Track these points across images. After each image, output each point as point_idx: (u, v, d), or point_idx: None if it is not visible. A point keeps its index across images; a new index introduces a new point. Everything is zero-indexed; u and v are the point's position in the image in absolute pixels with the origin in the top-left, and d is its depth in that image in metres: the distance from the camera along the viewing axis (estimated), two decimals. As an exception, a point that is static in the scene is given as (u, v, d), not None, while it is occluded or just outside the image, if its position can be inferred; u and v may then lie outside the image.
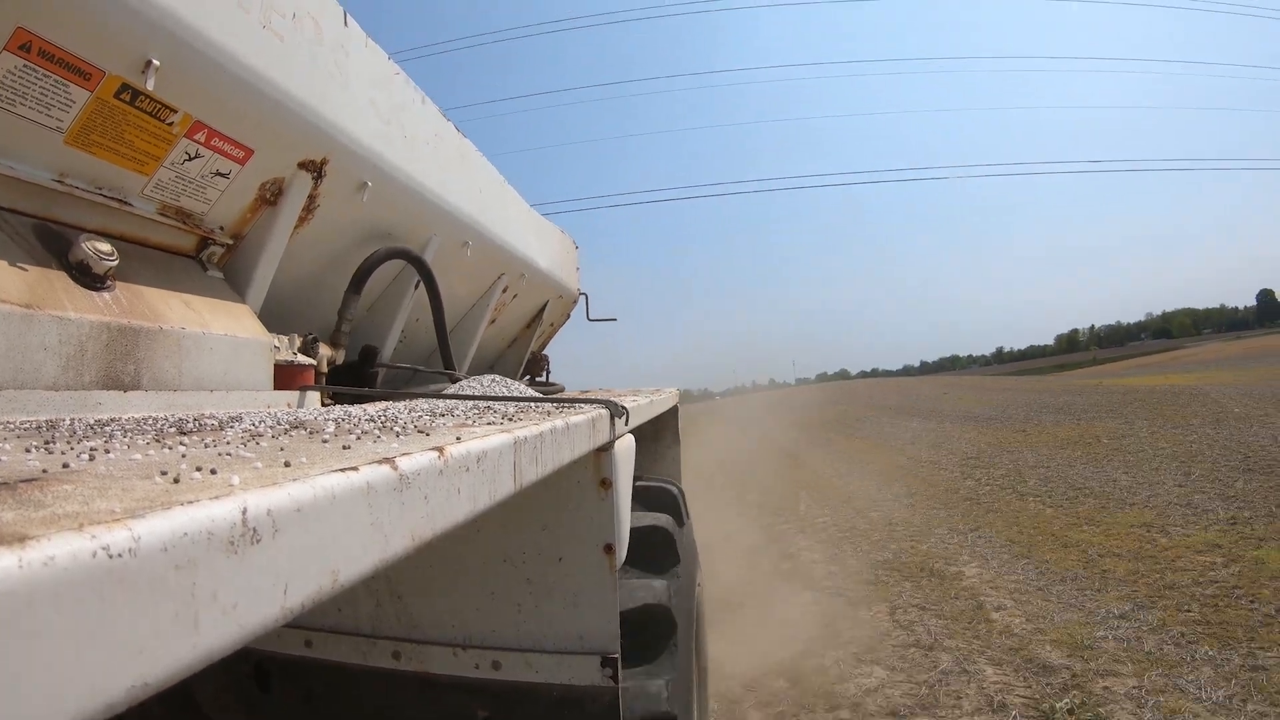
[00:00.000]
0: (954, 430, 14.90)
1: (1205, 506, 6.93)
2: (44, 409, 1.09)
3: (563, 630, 1.33)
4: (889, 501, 8.81)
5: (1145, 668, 3.75)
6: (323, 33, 1.74)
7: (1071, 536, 6.45)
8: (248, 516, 0.34)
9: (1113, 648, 4.04)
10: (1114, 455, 10.11)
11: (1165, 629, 4.22)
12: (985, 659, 4.07)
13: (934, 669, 4.00)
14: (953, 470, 10.51)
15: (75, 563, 0.26)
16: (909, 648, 4.33)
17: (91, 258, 1.27)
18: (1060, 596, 4.94)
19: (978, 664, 4.00)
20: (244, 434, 0.71)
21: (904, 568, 5.96)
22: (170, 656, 0.29)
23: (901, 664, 4.12)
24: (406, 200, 2.30)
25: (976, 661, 4.04)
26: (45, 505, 0.33)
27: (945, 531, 7.04)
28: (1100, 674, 3.75)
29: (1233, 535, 5.89)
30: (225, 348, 1.54)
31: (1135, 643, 4.07)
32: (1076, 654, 3.99)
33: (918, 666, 4.07)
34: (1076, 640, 4.15)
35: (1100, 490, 8.18)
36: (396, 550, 0.47)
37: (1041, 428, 13.55)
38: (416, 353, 3.17)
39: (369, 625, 1.43)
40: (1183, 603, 4.59)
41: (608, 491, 1.33)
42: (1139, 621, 4.37)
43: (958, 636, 4.41)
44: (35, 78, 1.17)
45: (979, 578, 5.50)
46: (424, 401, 1.44)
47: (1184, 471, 8.61)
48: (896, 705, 3.63)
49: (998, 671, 3.89)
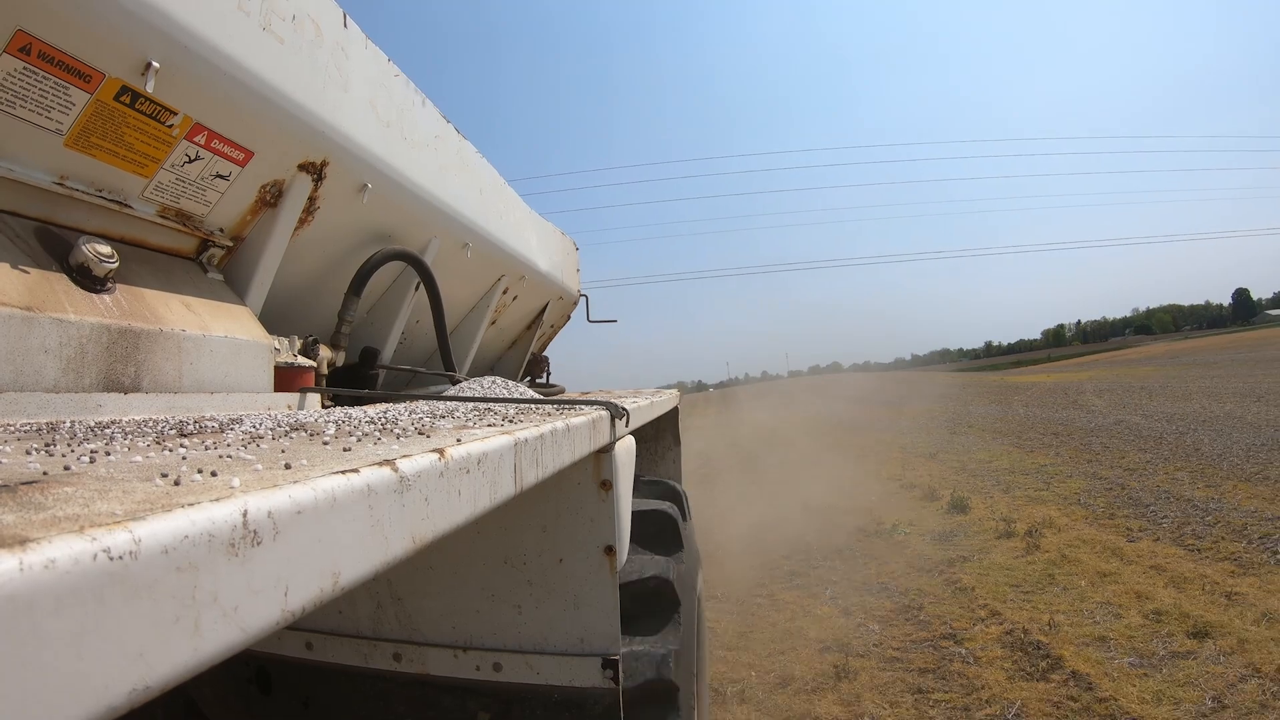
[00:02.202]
0: (829, 405, 24.84)
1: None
2: (45, 411, 1.09)
3: (564, 632, 1.33)
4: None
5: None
6: (323, 35, 1.74)
7: (850, 440, 14.43)
8: (248, 519, 0.34)
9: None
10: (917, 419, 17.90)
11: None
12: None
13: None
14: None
15: (76, 565, 0.26)
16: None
17: (92, 260, 1.27)
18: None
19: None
20: (244, 436, 0.71)
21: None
22: (171, 659, 0.29)
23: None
24: (406, 202, 2.30)
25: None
26: (46, 508, 0.33)
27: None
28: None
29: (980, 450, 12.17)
30: (225, 350, 1.53)
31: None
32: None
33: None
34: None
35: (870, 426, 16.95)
36: (397, 552, 0.47)
37: (900, 408, 21.50)
38: (417, 354, 3.17)
39: (370, 627, 1.43)
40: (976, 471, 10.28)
41: (608, 493, 1.33)
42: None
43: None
44: (35, 80, 1.17)
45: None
46: (424, 403, 1.44)
47: (951, 429, 15.31)
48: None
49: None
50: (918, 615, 4.86)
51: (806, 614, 5.06)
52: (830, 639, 4.57)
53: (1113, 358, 55.63)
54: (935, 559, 6.09)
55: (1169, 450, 9.80)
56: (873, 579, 5.73)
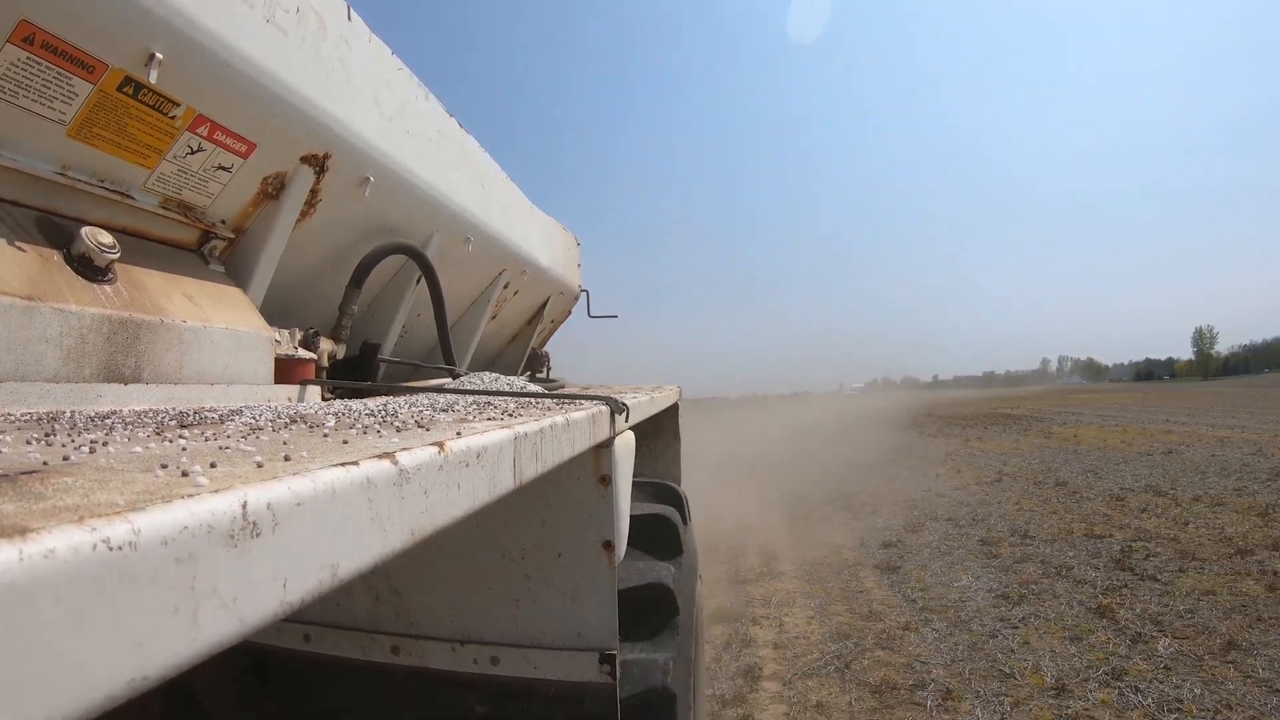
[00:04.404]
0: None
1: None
2: (45, 401, 1.09)
3: (561, 626, 1.33)
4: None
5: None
6: (326, 28, 1.74)
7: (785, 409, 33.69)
8: (248, 510, 0.34)
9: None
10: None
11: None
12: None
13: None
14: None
15: (76, 555, 0.26)
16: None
17: (93, 250, 1.27)
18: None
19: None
20: (244, 427, 0.71)
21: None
22: (169, 650, 0.29)
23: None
24: (408, 196, 2.30)
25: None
26: (46, 498, 0.33)
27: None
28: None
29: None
30: (226, 341, 1.54)
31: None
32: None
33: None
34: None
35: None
36: (396, 545, 0.47)
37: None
38: (417, 348, 3.17)
39: (368, 620, 1.43)
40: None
41: (607, 488, 1.33)
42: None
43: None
44: (38, 70, 1.16)
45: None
46: (424, 396, 1.44)
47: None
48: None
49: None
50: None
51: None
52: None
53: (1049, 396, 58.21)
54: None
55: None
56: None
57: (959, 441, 18.01)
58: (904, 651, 4.36)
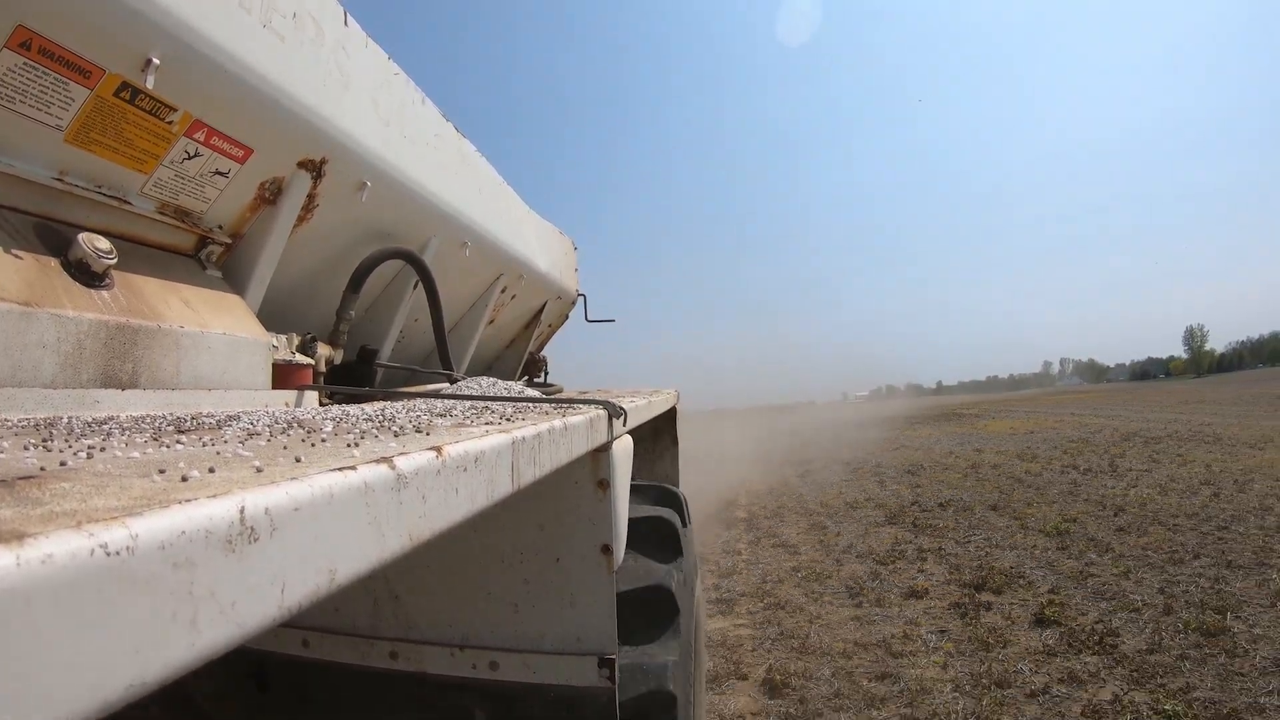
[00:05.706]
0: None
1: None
2: (42, 407, 1.09)
3: (560, 631, 1.33)
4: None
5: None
6: (323, 33, 1.74)
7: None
8: (246, 515, 0.34)
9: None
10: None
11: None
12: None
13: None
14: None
15: (73, 561, 0.26)
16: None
17: (90, 256, 1.26)
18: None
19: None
20: (242, 433, 0.71)
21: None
22: (168, 655, 0.29)
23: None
24: (406, 200, 2.30)
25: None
26: (43, 503, 0.33)
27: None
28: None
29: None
30: (223, 346, 1.53)
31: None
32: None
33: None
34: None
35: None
36: (394, 550, 0.47)
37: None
38: (414, 353, 3.17)
39: (366, 625, 1.43)
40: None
41: (605, 492, 1.33)
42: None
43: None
44: (35, 75, 1.16)
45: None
46: (422, 401, 1.44)
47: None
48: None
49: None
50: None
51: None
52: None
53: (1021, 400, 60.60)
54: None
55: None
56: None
57: (899, 431, 24.39)
58: (796, 492, 11.28)
